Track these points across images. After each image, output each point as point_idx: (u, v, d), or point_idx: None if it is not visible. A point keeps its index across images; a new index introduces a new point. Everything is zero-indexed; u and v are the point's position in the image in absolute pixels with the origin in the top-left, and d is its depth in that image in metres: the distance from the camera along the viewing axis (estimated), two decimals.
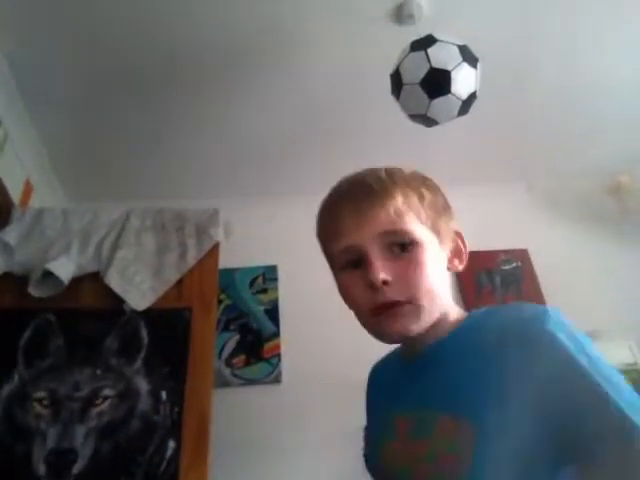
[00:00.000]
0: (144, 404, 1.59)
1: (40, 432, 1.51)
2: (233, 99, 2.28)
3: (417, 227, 0.84)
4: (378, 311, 0.80)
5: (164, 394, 1.61)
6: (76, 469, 1.47)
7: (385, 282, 0.79)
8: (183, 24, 1.98)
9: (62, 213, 1.98)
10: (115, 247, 1.85)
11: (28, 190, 2.37)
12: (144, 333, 1.72)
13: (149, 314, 1.75)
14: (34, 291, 1.74)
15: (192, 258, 1.85)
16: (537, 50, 2.17)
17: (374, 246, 0.82)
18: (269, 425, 2.16)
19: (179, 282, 1.83)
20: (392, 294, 0.80)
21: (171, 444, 1.52)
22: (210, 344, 1.73)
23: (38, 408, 1.55)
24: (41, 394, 1.57)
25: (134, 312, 1.74)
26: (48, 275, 1.73)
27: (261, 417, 2.18)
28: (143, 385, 1.62)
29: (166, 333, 1.73)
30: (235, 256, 2.57)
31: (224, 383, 2.25)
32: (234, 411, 2.17)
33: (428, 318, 0.82)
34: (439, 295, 0.83)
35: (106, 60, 2.08)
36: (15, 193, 2.24)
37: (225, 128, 2.41)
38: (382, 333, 0.83)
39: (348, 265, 0.85)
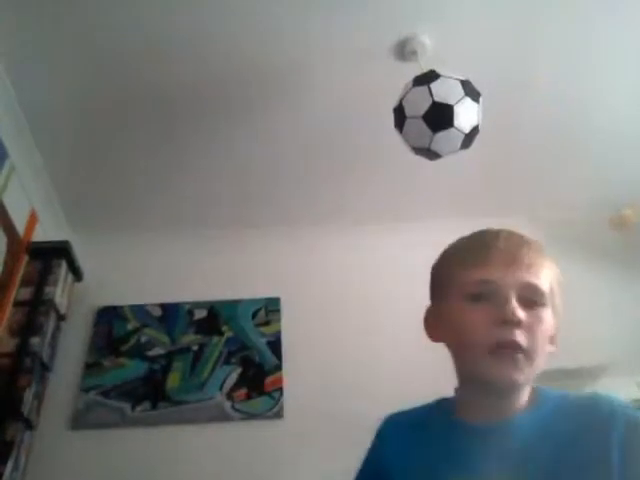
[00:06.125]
0: None
1: None
2: (237, 133, 2.30)
3: (548, 294, 0.88)
4: (498, 349, 0.81)
5: None
6: None
7: (520, 322, 0.81)
8: (190, 59, 2.02)
9: None
10: None
11: (33, 221, 2.38)
12: None
13: None
14: None
15: None
16: (539, 83, 2.20)
17: (514, 290, 0.84)
18: (269, 462, 2.10)
19: None
20: (520, 337, 0.81)
21: None
22: None
23: None
24: None
25: None
26: None
27: (261, 453, 2.12)
28: None
29: None
30: (237, 288, 2.56)
31: (224, 417, 2.21)
32: (234, 446, 2.13)
33: (530, 377, 0.84)
34: (541, 362, 0.85)
35: (113, 94, 2.12)
36: (20, 224, 2.25)
37: (229, 162, 2.43)
38: (492, 375, 0.82)
39: (470, 297, 0.86)
